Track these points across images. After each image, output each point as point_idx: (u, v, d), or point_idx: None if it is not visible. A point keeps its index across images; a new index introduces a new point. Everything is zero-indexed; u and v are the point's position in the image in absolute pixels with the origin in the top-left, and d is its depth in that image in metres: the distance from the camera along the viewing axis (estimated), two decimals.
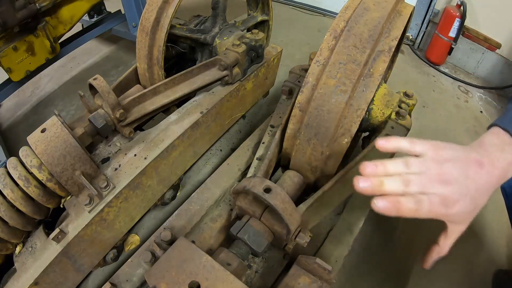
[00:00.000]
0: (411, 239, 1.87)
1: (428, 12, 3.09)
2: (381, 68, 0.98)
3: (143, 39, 1.35)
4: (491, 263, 1.77)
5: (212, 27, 1.55)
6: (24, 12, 1.77)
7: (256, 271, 1.08)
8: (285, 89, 1.38)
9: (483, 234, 1.90)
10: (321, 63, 1.00)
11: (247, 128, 1.82)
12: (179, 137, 1.27)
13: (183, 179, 1.49)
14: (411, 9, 1.12)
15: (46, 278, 0.99)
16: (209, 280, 0.81)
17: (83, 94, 1.19)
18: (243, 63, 1.47)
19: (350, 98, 0.96)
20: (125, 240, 1.30)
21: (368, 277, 1.69)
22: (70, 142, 1.00)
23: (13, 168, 0.99)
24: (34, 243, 1.06)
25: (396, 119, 1.12)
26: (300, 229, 0.95)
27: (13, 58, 1.88)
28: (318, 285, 0.89)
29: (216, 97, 1.43)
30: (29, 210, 1.00)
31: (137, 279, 1.04)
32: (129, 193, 1.14)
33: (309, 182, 1.15)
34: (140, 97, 1.27)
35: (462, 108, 2.74)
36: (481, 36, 2.85)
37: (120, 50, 3.20)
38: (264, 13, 1.75)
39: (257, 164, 1.21)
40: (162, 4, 1.32)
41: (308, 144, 1.03)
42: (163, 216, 1.41)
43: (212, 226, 1.18)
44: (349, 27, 1.00)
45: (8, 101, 2.60)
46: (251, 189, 0.94)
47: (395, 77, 2.81)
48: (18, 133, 2.40)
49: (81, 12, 2.21)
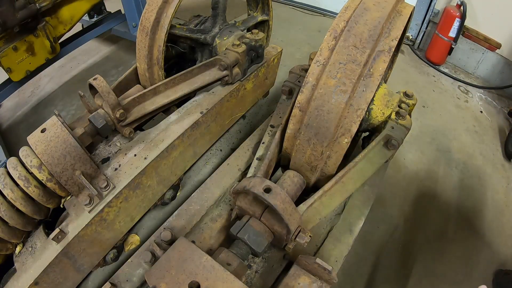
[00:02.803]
0: (411, 239, 1.87)
1: (428, 12, 3.09)
2: (381, 68, 0.98)
3: (143, 39, 1.35)
4: (491, 263, 1.77)
5: (212, 27, 1.55)
6: (24, 12, 1.77)
7: (256, 271, 1.08)
8: (285, 89, 1.38)
9: (483, 234, 1.90)
10: (321, 63, 1.00)
11: (247, 128, 1.82)
12: (179, 137, 1.27)
13: (183, 179, 1.49)
14: (411, 9, 1.12)
15: (46, 278, 0.99)
16: (209, 280, 0.81)
17: (83, 94, 1.19)
18: (243, 63, 1.47)
19: (350, 98, 0.96)
20: (125, 240, 1.30)
21: (368, 277, 1.69)
22: (70, 142, 1.00)
23: (13, 168, 0.99)
24: (34, 243, 1.06)
25: (396, 119, 1.12)
26: (300, 229, 0.95)
27: (13, 58, 1.88)
28: (318, 285, 0.89)
29: (216, 97, 1.43)
30: (29, 210, 1.00)
31: (137, 279, 1.04)
32: (129, 193, 1.14)
33: (309, 182, 1.15)
34: (140, 97, 1.27)
35: (462, 108, 2.75)
36: (481, 36, 2.85)
37: (120, 50, 3.20)
38: (264, 13, 1.75)
39: (257, 164, 1.21)
40: (162, 4, 1.32)
41: (308, 144, 1.03)
42: (163, 216, 1.41)
43: (212, 226, 1.18)
44: (349, 27, 1.00)
45: (8, 101, 2.60)
46: (251, 189, 0.94)
47: (395, 77, 2.81)
48: (18, 133, 2.40)
49: (81, 12, 2.21)
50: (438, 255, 1.81)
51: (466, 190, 2.12)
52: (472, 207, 2.03)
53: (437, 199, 2.06)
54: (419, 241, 1.86)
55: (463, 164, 2.28)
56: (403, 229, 1.90)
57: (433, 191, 2.11)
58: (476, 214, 1.99)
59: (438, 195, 2.09)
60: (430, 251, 1.82)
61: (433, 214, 1.98)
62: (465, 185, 2.15)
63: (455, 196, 2.09)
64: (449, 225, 1.93)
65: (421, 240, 1.86)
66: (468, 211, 2.01)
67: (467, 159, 2.32)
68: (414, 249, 1.82)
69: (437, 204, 2.04)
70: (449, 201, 2.05)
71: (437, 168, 2.24)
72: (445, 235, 1.89)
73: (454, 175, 2.21)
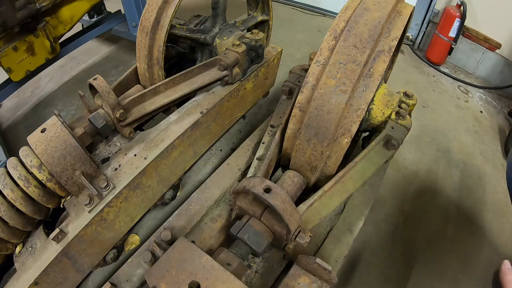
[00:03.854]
0: (411, 239, 1.87)
1: (428, 12, 3.09)
2: (381, 68, 0.98)
3: (143, 39, 1.35)
4: (491, 263, 1.77)
5: (212, 27, 1.55)
6: (24, 12, 1.77)
7: (256, 271, 1.08)
8: (285, 89, 1.38)
9: (483, 234, 1.90)
10: (321, 63, 1.00)
11: (247, 128, 1.82)
12: (179, 137, 1.27)
13: (183, 179, 1.49)
14: (411, 9, 1.12)
15: (46, 278, 0.99)
16: (209, 280, 0.81)
17: (83, 94, 1.19)
18: (243, 63, 1.47)
19: (350, 98, 0.96)
20: (125, 240, 1.29)
21: (368, 277, 1.69)
22: (70, 142, 1.00)
23: (13, 168, 0.99)
24: (34, 243, 1.06)
25: (396, 119, 1.12)
26: (300, 229, 0.95)
27: (13, 58, 1.88)
28: (318, 285, 0.89)
29: (216, 97, 1.43)
30: (29, 210, 1.00)
31: (137, 279, 1.04)
32: (129, 193, 1.14)
33: (309, 182, 1.15)
34: (140, 97, 1.27)
35: (462, 108, 2.75)
36: (481, 36, 2.86)
37: (120, 50, 3.20)
38: (264, 13, 1.75)
39: (257, 164, 1.21)
40: (162, 4, 1.32)
41: (308, 144, 1.03)
42: (163, 216, 1.41)
43: (212, 226, 1.18)
44: (349, 27, 1.00)
45: (8, 101, 2.60)
46: (251, 189, 0.94)
47: (395, 77, 2.81)
48: (18, 133, 2.40)
49: (81, 12, 2.22)
50: (438, 255, 1.80)
51: (466, 190, 2.12)
52: (472, 207, 2.03)
53: (437, 199, 2.06)
54: (419, 241, 1.86)
55: (463, 164, 2.28)
56: (403, 229, 1.90)
57: (433, 191, 2.11)
58: (476, 214, 1.99)
59: (438, 195, 2.09)
60: (430, 251, 1.81)
61: (433, 214, 1.98)
62: (465, 185, 2.15)
63: (455, 196, 2.09)
64: (449, 225, 1.93)
65: (421, 240, 1.86)
66: (468, 211, 2.01)
67: (467, 159, 2.32)
68: (414, 249, 1.82)
69: (437, 204, 2.04)
70: (449, 201, 2.05)
71: (437, 168, 2.24)
72: (445, 235, 1.89)
73: (454, 175, 2.21)
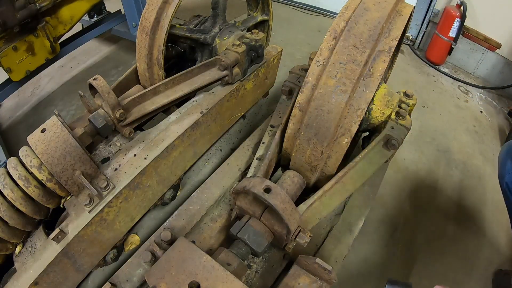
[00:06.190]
0: (411, 239, 1.87)
1: (428, 12, 3.09)
2: (381, 68, 0.98)
3: (143, 39, 1.35)
4: (491, 263, 1.77)
5: (212, 27, 1.55)
6: (24, 12, 1.77)
7: (256, 271, 1.08)
8: (285, 89, 1.38)
9: (483, 234, 1.90)
10: (321, 63, 1.00)
11: (247, 128, 1.82)
12: (179, 137, 1.27)
13: (183, 179, 1.49)
14: (411, 9, 1.12)
15: (46, 278, 0.99)
16: (209, 280, 0.81)
17: (83, 94, 1.19)
18: (243, 63, 1.47)
19: (350, 98, 0.96)
20: (125, 240, 1.29)
21: (368, 277, 1.69)
22: (70, 142, 1.00)
23: (13, 168, 0.99)
24: (34, 243, 1.06)
25: (396, 119, 1.12)
26: (300, 229, 0.95)
27: (13, 58, 1.88)
28: (318, 285, 0.89)
29: (216, 97, 1.43)
30: (29, 210, 1.00)
31: (137, 279, 1.04)
32: (129, 193, 1.14)
33: (309, 182, 1.15)
34: (140, 97, 1.27)
35: (462, 108, 2.75)
36: (481, 36, 2.85)
37: (120, 50, 3.20)
38: (264, 13, 1.75)
39: (257, 164, 1.21)
40: (162, 4, 1.32)
41: (308, 144, 1.03)
42: (163, 216, 1.41)
43: (212, 226, 1.18)
44: (349, 27, 1.00)
45: (8, 101, 2.60)
46: (251, 189, 0.94)
47: (395, 77, 2.81)
48: (18, 133, 2.40)
49: (81, 12, 2.21)
50: (438, 255, 1.81)
51: (466, 190, 2.12)
52: (472, 207, 2.03)
53: (437, 199, 2.06)
54: (419, 241, 1.86)
55: (463, 164, 2.28)
56: (403, 229, 1.90)
57: (433, 191, 2.11)
58: (476, 214, 1.99)
59: (438, 195, 2.09)
60: (430, 251, 1.82)
61: (433, 214, 1.98)
62: (465, 185, 2.15)
63: (455, 196, 2.08)
64: (449, 225, 1.93)
65: (421, 240, 1.86)
66: (468, 211, 2.01)
67: (467, 159, 2.32)
68: (414, 249, 1.82)
69: (437, 204, 2.04)
70: (449, 201, 2.05)
71: (437, 168, 2.24)
72: (445, 235, 1.89)
73: (454, 175, 2.21)
